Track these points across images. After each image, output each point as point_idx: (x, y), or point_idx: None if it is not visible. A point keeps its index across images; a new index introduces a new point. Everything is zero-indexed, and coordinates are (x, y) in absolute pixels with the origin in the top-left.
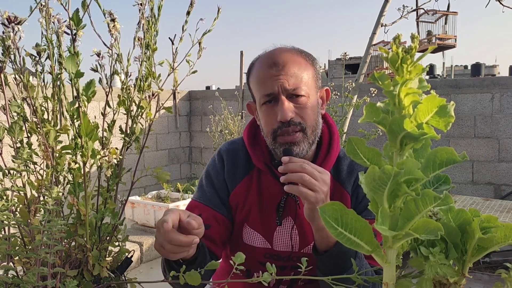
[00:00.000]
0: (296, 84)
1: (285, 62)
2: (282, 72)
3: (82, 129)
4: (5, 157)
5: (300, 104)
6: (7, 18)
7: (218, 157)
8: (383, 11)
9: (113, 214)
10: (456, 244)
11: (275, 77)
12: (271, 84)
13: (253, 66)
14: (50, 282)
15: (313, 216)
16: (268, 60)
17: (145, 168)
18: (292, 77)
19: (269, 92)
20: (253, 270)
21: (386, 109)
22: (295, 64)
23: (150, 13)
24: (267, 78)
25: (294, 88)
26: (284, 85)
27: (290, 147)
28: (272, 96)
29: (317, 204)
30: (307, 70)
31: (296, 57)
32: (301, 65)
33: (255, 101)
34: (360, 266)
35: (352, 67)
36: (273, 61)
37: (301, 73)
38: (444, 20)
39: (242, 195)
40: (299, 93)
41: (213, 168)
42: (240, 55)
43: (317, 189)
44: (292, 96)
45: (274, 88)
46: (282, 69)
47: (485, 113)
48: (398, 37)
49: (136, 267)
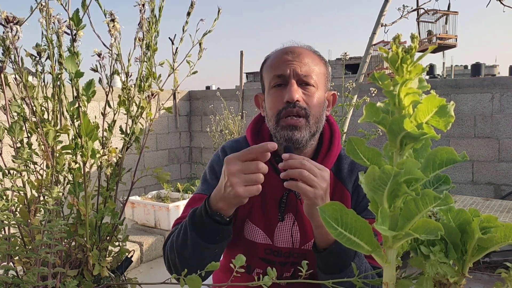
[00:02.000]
0: (308, 72)
1: (300, 52)
2: (296, 59)
3: (82, 129)
4: (5, 157)
5: (308, 92)
6: (5, 18)
7: (222, 153)
8: (383, 11)
9: (113, 214)
10: (456, 244)
11: (289, 61)
12: (284, 67)
13: (269, 57)
14: (50, 282)
15: (312, 213)
16: (284, 49)
17: (145, 168)
18: (305, 65)
19: (281, 73)
20: (253, 266)
21: (386, 109)
22: (309, 56)
23: (150, 14)
24: (281, 62)
25: (306, 74)
26: (296, 70)
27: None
28: (282, 78)
29: (316, 200)
30: (319, 66)
31: (311, 53)
32: (315, 59)
33: (264, 91)
34: (359, 265)
35: (352, 67)
36: (289, 50)
37: (314, 65)
38: (445, 20)
39: None
40: (309, 81)
41: (217, 162)
42: (240, 55)
43: (316, 185)
44: (302, 83)
45: (286, 70)
46: (297, 56)
47: (485, 113)
48: (398, 37)
49: (136, 267)
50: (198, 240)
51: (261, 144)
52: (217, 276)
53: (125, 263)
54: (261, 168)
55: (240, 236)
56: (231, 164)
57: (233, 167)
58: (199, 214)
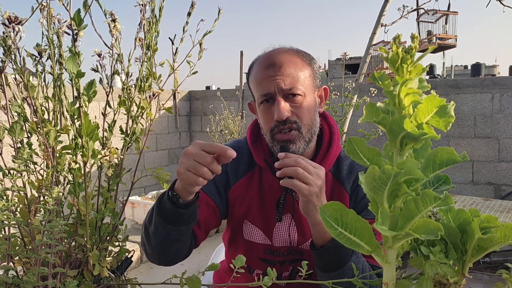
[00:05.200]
0: (292, 83)
1: (282, 62)
2: (279, 72)
3: (83, 129)
4: (5, 157)
5: (296, 103)
6: (8, 18)
7: None
8: (383, 11)
9: (113, 214)
10: (456, 244)
11: (271, 77)
12: (268, 85)
13: (252, 67)
14: (51, 282)
15: (307, 210)
16: (266, 61)
17: (145, 168)
18: (288, 77)
19: (266, 92)
20: (253, 266)
21: (386, 109)
22: (291, 64)
23: (151, 14)
24: (264, 79)
25: (290, 87)
26: (280, 85)
27: (287, 144)
28: (269, 96)
29: (311, 197)
30: (303, 70)
31: (293, 57)
32: (298, 65)
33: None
34: (357, 262)
35: (352, 67)
36: (270, 62)
37: (297, 73)
38: (445, 20)
39: (243, 190)
40: (295, 92)
41: None
42: (240, 55)
43: (310, 182)
44: (289, 96)
45: (271, 88)
46: (279, 69)
47: (485, 113)
48: (398, 37)
49: (136, 267)
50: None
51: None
52: (219, 276)
53: (125, 263)
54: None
55: (238, 237)
56: (192, 147)
57: (191, 149)
58: (163, 193)
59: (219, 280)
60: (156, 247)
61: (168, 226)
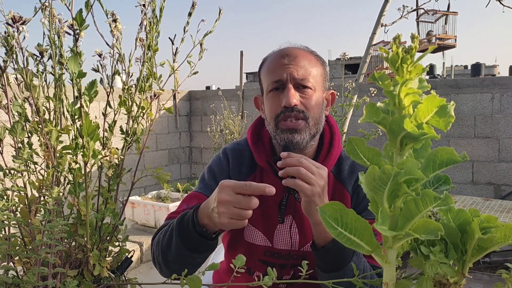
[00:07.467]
0: (305, 75)
1: (297, 54)
2: (293, 62)
3: (84, 129)
4: (5, 157)
5: (306, 95)
6: (12, 17)
7: (223, 155)
8: (383, 11)
9: (113, 214)
10: (456, 244)
11: (285, 65)
12: (281, 72)
13: (266, 59)
14: (51, 282)
15: (309, 210)
16: (281, 52)
17: (145, 168)
18: (301, 68)
19: (278, 79)
20: (253, 268)
21: (386, 109)
22: (306, 58)
23: (151, 14)
24: (278, 67)
25: (302, 78)
26: (293, 74)
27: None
28: (280, 83)
29: (313, 197)
30: (316, 67)
31: (308, 54)
32: (312, 61)
33: (263, 93)
34: (358, 263)
35: (352, 67)
36: (286, 52)
37: (310, 67)
38: (444, 20)
39: None
40: (306, 84)
41: (217, 164)
42: (240, 55)
43: (313, 182)
44: (299, 87)
45: (283, 75)
46: (294, 59)
47: (485, 113)
48: (398, 37)
49: (136, 267)
50: (181, 246)
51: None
52: (218, 277)
53: (125, 263)
54: (252, 206)
55: (239, 238)
56: (224, 193)
57: (224, 197)
58: (186, 223)
59: (218, 281)
60: (176, 270)
61: (194, 255)
